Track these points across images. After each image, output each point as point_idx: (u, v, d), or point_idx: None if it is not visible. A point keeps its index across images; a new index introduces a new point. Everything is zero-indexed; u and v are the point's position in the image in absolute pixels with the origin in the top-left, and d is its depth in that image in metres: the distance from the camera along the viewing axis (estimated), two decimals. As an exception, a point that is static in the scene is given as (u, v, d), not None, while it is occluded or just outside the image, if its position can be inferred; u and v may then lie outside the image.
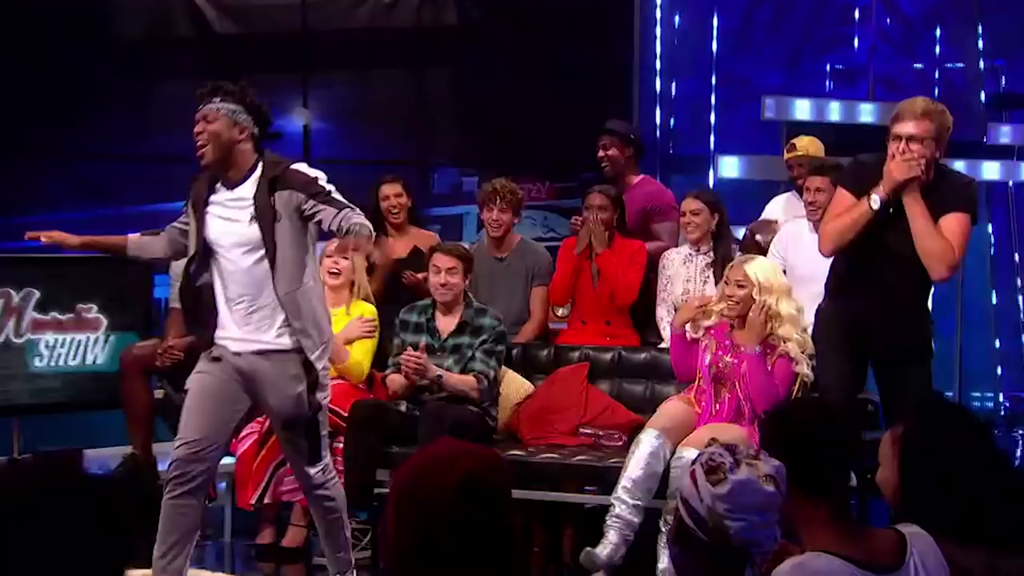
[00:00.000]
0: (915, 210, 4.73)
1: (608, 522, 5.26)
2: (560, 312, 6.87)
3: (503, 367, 6.23)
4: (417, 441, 5.74)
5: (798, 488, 2.65)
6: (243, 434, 6.13)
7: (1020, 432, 9.59)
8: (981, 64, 10.45)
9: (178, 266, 6.73)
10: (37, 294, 6.63)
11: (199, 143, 4.56)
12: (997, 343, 10.13)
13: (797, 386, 5.44)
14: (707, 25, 9.78)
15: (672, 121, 9.55)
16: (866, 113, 9.29)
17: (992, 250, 10.14)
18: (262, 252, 4.51)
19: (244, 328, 4.60)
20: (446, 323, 6.14)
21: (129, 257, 5.24)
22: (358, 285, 6.45)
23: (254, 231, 4.50)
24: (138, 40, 9.23)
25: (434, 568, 2.05)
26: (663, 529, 5.16)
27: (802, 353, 5.43)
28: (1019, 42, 10.38)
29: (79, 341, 6.74)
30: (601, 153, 6.98)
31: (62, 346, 6.73)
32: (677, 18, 9.70)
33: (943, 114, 4.88)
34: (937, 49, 10.51)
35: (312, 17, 9.28)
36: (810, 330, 5.49)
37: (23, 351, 6.62)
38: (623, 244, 6.59)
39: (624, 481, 5.28)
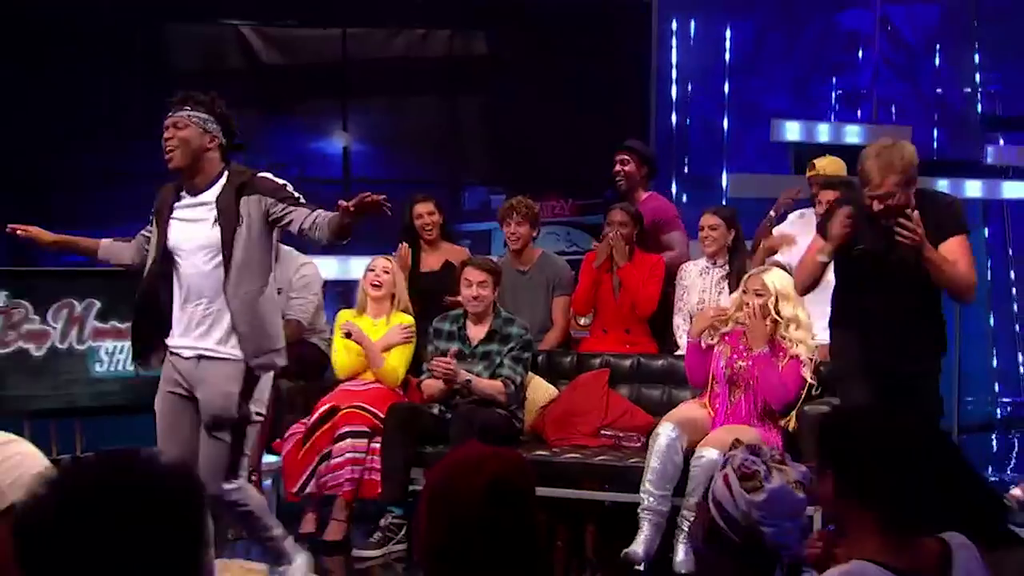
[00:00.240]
0: (934, 261, 4.51)
1: (640, 515, 5.19)
2: (583, 321, 6.79)
3: (529, 373, 6.16)
4: (449, 442, 5.72)
5: (853, 495, 2.52)
6: (288, 433, 6.10)
7: (1016, 435, 9.46)
8: (979, 88, 10.34)
9: None
10: (98, 304, 6.67)
11: (167, 148, 4.37)
12: (995, 358, 9.99)
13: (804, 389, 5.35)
14: (720, 51, 9.73)
15: (686, 142, 9.44)
16: (864, 134, 9.09)
17: (989, 264, 9.97)
18: (220, 257, 4.30)
19: (194, 333, 4.38)
20: (476, 331, 6.08)
21: (100, 260, 5.03)
22: (398, 298, 6.38)
23: (215, 234, 4.31)
24: (193, 71, 9.19)
25: (464, 564, 2.02)
26: (681, 526, 5.11)
27: (810, 360, 5.38)
28: (1015, 68, 10.25)
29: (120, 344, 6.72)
30: (618, 168, 6.91)
31: (120, 352, 6.73)
32: (691, 43, 9.64)
33: (901, 159, 4.58)
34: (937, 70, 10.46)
35: (351, 48, 9.28)
36: (819, 338, 5.46)
37: (85, 357, 6.65)
38: (643, 258, 6.54)
39: (648, 475, 5.22)
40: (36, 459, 4.91)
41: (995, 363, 9.93)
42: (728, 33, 9.77)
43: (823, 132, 8.96)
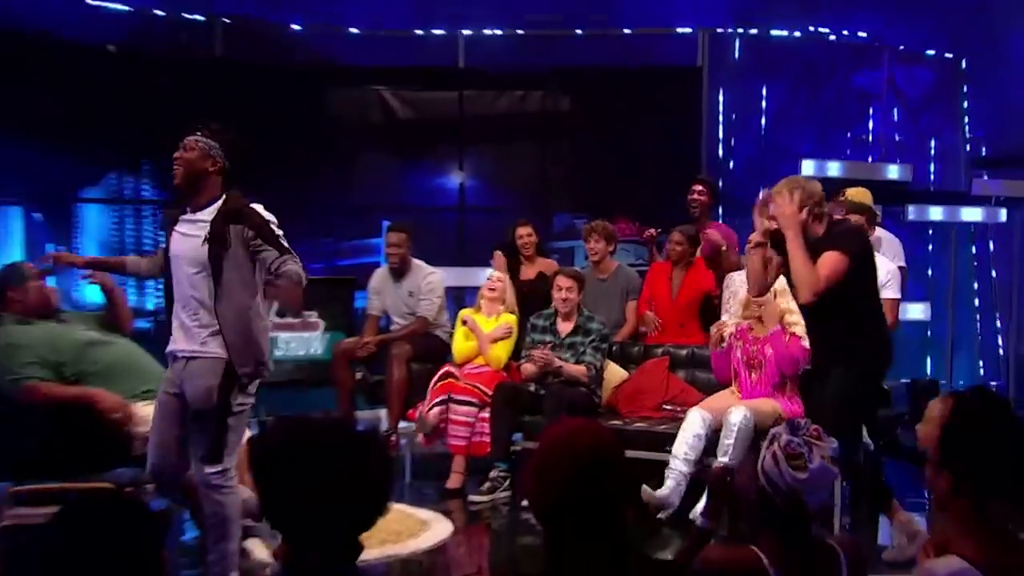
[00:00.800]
0: (792, 248, 4.36)
1: (667, 473, 5.18)
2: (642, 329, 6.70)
3: (606, 359, 6.14)
4: (543, 413, 5.74)
5: (968, 495, 2.32)
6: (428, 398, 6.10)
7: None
8: (966, 133, 10.17)
9: (377, 281, 6.82)
10: (276, 304, 6.66)
11: (173, 166, 3.99)
12: (980, 350, 9.79)
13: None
14: (756, 106, 9.63)
15: (730, 178, 9.31)
16: (875, 172, 8.99)
17: (976, 274, 9.81)
18: (208, 271, 3.84)
19: (187, 336, 3.91)
20: (564, 327, 6.08)
21: (128, 273, 4.70)
22: (507, 301, 6.39)
23: (204, 252, 3.84)
24: (342, 124, 9.33)
25: (568, 513, 1.98)
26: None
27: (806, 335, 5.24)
28: (995, 117, 10.05)
29: (305, 337, 6.81)
30: (695, 197, 6.82)
31: (293, 341, 6.80)
32: (734, 100, 9.54)
33: (811, 184, 4.55)
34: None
35: (466, 106, 9.28)
36: None
37: (269, 343, 6.64)
38: (698, 267, 6.50)
39: (677, 445, 5.21)
40: None
41: (980, 354, 9.71)
42: (764, 92, 9.66)
43: (841, 169, 8.80)
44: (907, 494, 6.08)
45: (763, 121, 9.50)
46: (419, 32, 9.36)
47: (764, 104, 9.65)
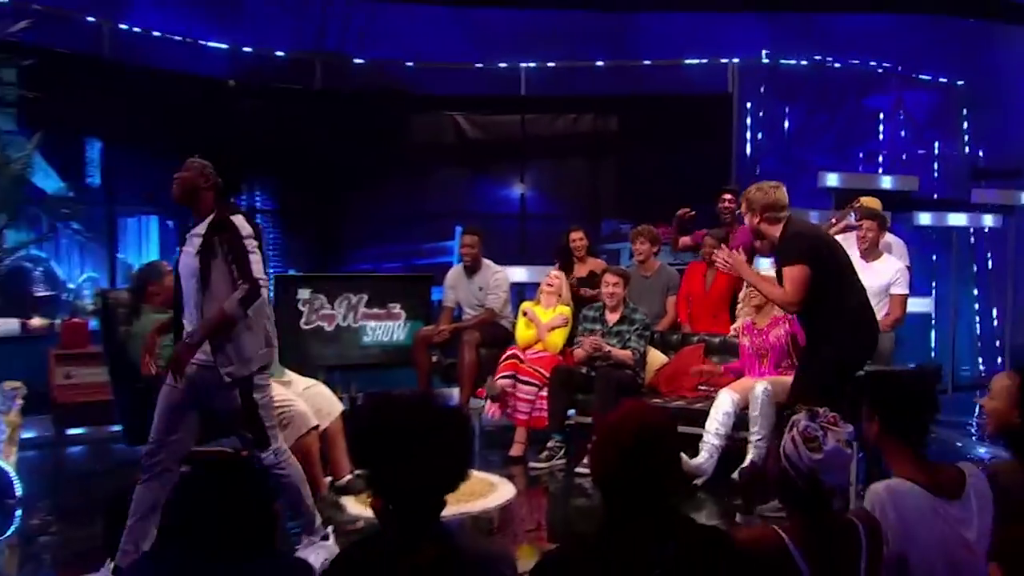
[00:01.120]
0: (752, 282, 4.35)
1: (701, 445, 5.14)
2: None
3: (648, 346, 6.09)
4: (594, 392, 5.73)
5: (895, 435, 2.53)
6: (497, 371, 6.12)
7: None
8: (966, 148, 9.97)
9: (452, 277, 6.88)
10: (366, 297, 6.76)
11: (174, 185, 3.79)
12: (979, 338, 9.56)
13: None
14: (779, 126, 9.55)
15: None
16: (885, 182, 8.82)
17: (975, 271, 9.60)
18: (199, 281, 3.65)
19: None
20: (612, 317, 6.04)
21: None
22: (563, 295, 6.35)
23: (196, 262, 3.65)
24: (422, 143, 9.40)
25: (627, 481, 1.96)
26: (752, 441, 4.96)
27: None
28: (991, 134, 9.88)
29: (389, 326, 6.85)
30: (725, 205, 6.72)
31: (379, 329, 6.83)
32: (760, 121, 9.45)
33: (759, 192, 4.41)
34: (936, 142, 10.12)
35: (527, 128, 9.33)
36: None
37: (357, 331, 6.75)
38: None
39: (709, 421, 5.18)
40: (330, 395, 5.06)
41: (979, 342, 9.51)
42: (786, 113, 9.58)
43: (853, 180, 8.68)
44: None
45: (785, 139, 9.38)
46: (487, 65, 9.41)
47: (786, 124, 9.57)
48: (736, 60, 9.13)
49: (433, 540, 1.96)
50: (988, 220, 9.00)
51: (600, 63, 9.40)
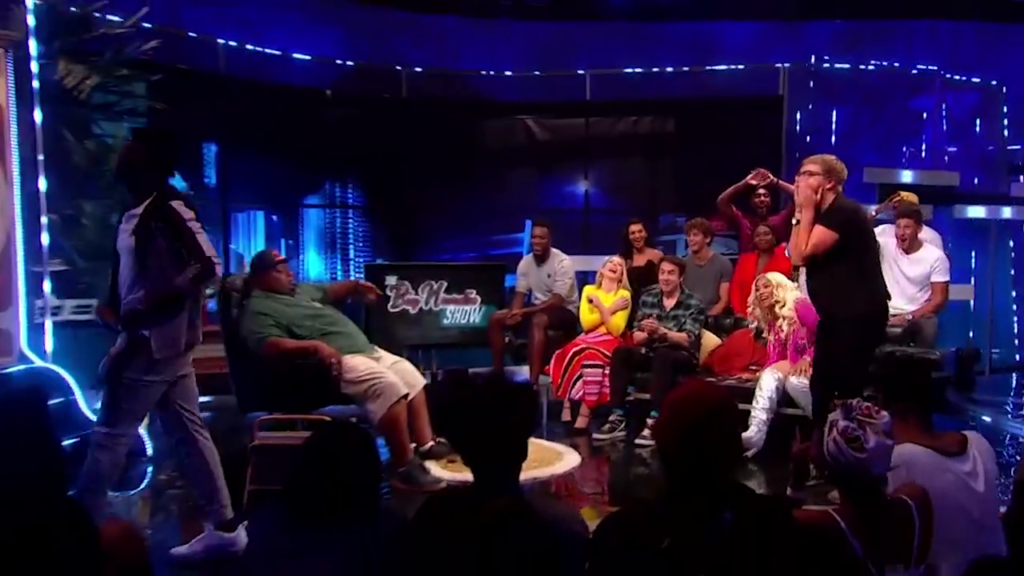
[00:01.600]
0: (803, 218, 4.22)
1: (750, 420, 5.10)
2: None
3: (702, 329, 6.01)
4: (652, 371, 5.67)
5: (905, 407, 2.59)
6: (554, 362, 6.06)
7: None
8: (1005, 145, 9.56)
9: (524, 265, 6.87)
10: (446, 283, 6.81)
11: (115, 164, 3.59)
12: (1015, 323, 9.17)
13: None
14: (828, 126, 9.24)
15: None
16: (927, 178, 8.55)
17: (1012, 257, 9.22)
18: (133, 259, 3.43)
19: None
20: (669, 302, 5.96)
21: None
22: (623, 280, 6.29)
23: (132, 242, 3.43)
24: (495, 146, 9.36)
25: (690, 453, 1.91)
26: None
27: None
28: None
29: (466, 309, 6.88)
30: (761, 199, 6.60)
31: (457, 312, 6.86)
32: (809, 121, 9.15)
33: (826, 162, 4.33)
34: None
35: (591, 130, 9.22)
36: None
37: (438, 314, 6.80)
38: (777, 255, 6.22)
39: (756, 398, 5.13)
40: (413, 370, 5.10)
41: (1015, 327, 9.14)
42: (833, 114, 9.29)
43: (899, 176, 8.42)
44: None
45: (832, 139, 9.10)
46: (554, 73, 9.34)
47: (834, 124, 9.27)
48: (787, 64, 8.91)
49: (507, 494, 1.97)
50: (1025, 213, 8.68)
51: (658, 69, 9.27)
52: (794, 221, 4.28)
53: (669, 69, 9.25)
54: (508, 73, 9.40)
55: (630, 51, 9.32)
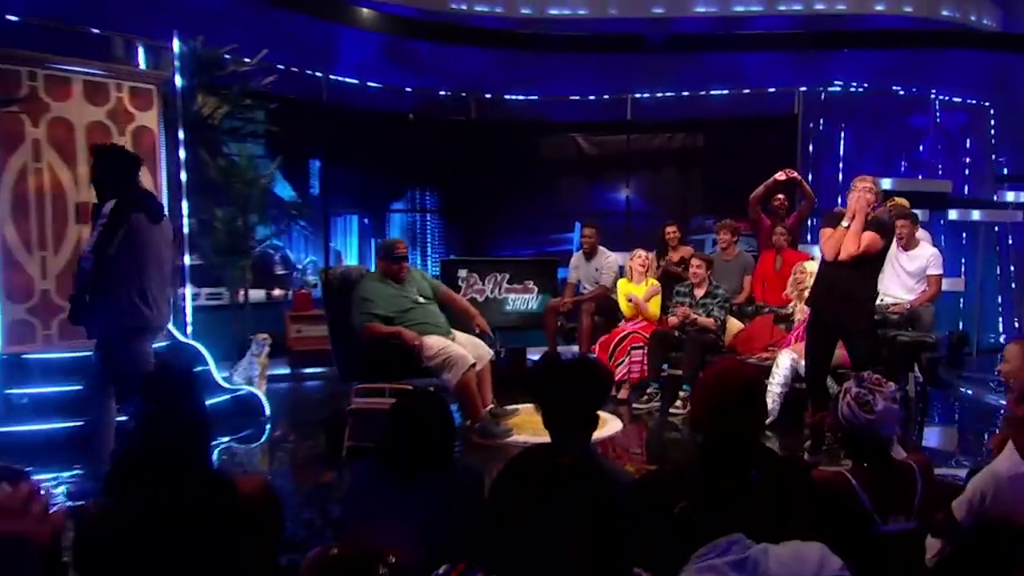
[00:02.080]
0: (855, 224, 4.16)
1: (767, 394, 4.89)
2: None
3: (728, 315, 5.92)
4: (684, 351, 5.61)
5: None
6: (599, 345, 6.01)
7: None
8: (992, 158, 9.25)
9: (575, 260, 6.83)
10: (508, 275, 6.75)
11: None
12: (1000, 310, 8.90)
13: None
14: (836, 141, 9.03)
15: (817, 192, 8.77)
16: (924, 186, 8.30)
17: (998, 255, 8.94)
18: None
19: None
20: (698, 292, 5.89)
21: None
22: (650, 271, 6.22)
23: (95, 237, 3.47)
24: (549, 158, 9.32)
25: (724, 420, 1.90)
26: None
27: None
28: (1014, 148, 9.16)
29: (525, 297, 6.84)
30: (780, 203, 6.54)
31: (517, 300, 6.83)
32: (820, 137, 8.96)
33: (876, 182, 4.32)
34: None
35: (632, 145, 9.15)
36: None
37: (501, 301, 6.75)
38: (794, 253, 6.17)
39: (773, 375, 5.02)
40: (483, 345, 5.10)
41: (999, 314, 8.88)
42: (842, 130, 9.07)
43: (898, 184, 8.13)
44: (942, 411, 5.67)
45: (841, 151, 8.91)
46: (600, 96, 9.30)
47: (842, 140, 9.06)
48: (801, 89, 8.72)
49: (577, 451, 2.01)
50: (1010, 216, 8.37)
51: (687, 93, 9.13)
52: (844, 224, 4.21)
53: (700, 93, 9.12)
54: (560, 97, 9.37)
55: (665, 78, 9.22)
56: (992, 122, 9.33)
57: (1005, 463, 2.11)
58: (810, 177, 8.75)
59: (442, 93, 9.13)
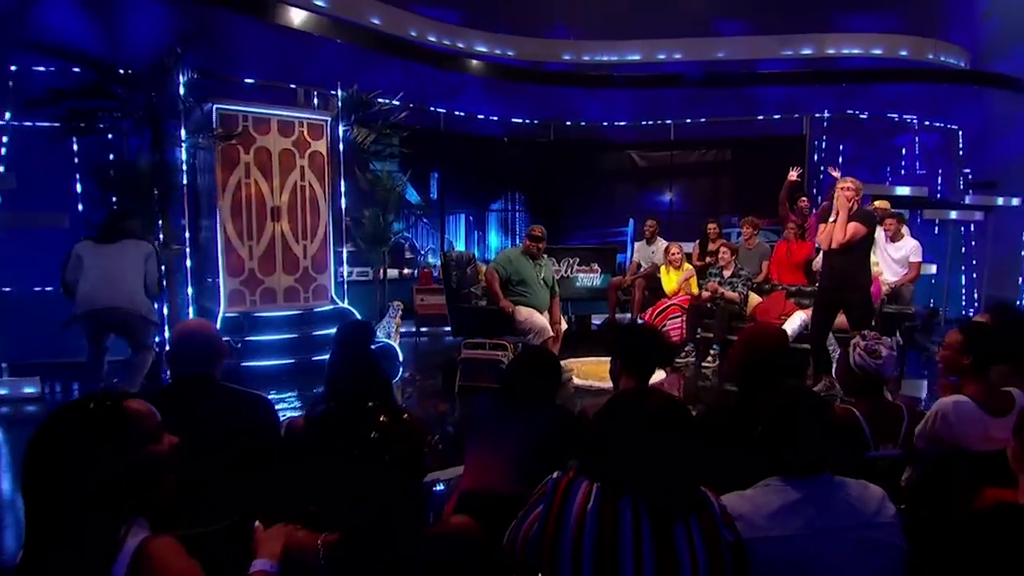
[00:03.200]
0: (840, 218, 3.89)
1: None
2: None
3: (749, 291, 5.60)
4: (714, 318, 5.35)
5: (975, 362, 2.04)
6: (648, 313, 5.80)
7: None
8: (961, 168, 8.52)
9: (638, 245, 6.65)
10: (578, 259, 6.65)
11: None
12: (963, 292, 8.16)
13: None
14: (837, 156, 8.42)
15: (821, 197, 8.25)
16: (905, 191, 7.65)
17: (963, 248, 8.30)
18: None
19: None
20: (726, 273, 5.60)
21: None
22: (682, 259, 5.93)
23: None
24: (610, 169, 9.01)
25: (759, 369, 1.80)
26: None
27: None
28: (979, 161, 8.48)
29: (591, 276, 6.73)
30: (805, 202, 6.22)
31: (585, 279, 6.71)
32: (823, 152, 8.35)
33: (855, 182, 3.97)
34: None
35: (674, 159, 8.75)
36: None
37: (572, 279, 6.65)
38: (804, 242, 5.80)
39: (786, 325, 4.80)
40: (543, 319, 4.90)
41: (963, 292, 8.19)
42: (841, 148, 8.48)
43: (884, 189, 7.57)
44: (916, 366, 5.29)
45: (839, 164, 8.33)
46: (649, 122, 8.94)
47: (840, 155, 8.48)
48: (808, 115, 8.19)
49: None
50: (974, 215, 7.69)
51: (721, 120, 8.70)
52: (832, 219, 3.96)
53: (728, 118, 8.70)
54: (619, 123, 9.08)
55: (700, 107, 8.80)
56: (960, 142, 8.72)
57: (949, 397, 2.03)
58: (816, 183, 8.26)
59: (528, 121, 8.99)
